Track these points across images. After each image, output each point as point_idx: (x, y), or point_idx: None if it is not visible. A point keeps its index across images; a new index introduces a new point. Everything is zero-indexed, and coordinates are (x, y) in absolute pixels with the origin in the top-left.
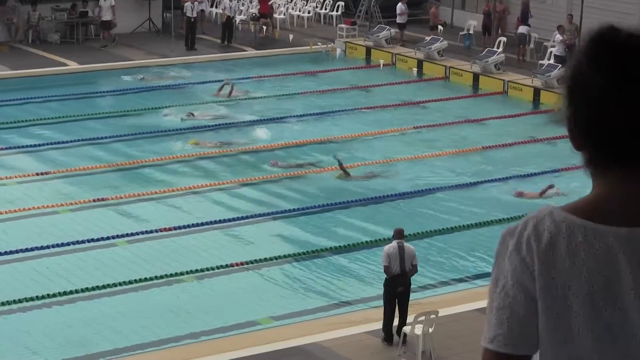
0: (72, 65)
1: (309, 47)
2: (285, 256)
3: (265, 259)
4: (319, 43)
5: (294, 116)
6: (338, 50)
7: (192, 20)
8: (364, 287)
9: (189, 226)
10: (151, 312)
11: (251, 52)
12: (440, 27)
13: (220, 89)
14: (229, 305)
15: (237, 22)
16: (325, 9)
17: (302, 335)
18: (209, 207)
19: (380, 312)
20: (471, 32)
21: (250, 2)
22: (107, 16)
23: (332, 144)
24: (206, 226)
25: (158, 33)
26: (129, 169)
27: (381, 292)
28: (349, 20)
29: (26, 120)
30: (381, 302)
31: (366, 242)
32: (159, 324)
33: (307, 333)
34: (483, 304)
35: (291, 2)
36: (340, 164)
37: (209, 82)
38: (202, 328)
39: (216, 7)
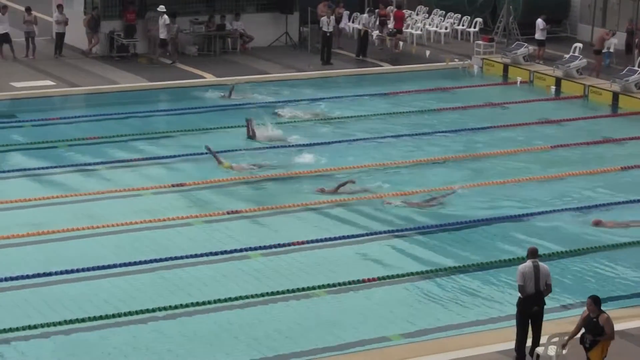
0: (209, 78)
1: (445, 63)
2: (417, 273)
3: (398, 275)
4: (455, 59)
5: (430, 132)
6: (475, 67)
7: (328, 34)
8: (496, 306)
9: (322, 240)
10: (282, 325)
11: (387, 67)
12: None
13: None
14: (359, 320)
15: (373, 37)
16: (463, 25)
17: (433, 353)
18: (340, 223)
19: (512, 332)
20: (611, 50)
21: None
22: (162, 34)
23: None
24: (339, 241)
25: (294, 47)
26: (261, 181)
27: (513, 311)
28: (487, 37)
29: (162, 132)
30: (513, 322)
31: (498, 261)
32: (289, 336)
33: (438, 351)
34: (617, 326)
35: (428, 17)
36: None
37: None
38: (332, 343)
39: (353, 22)
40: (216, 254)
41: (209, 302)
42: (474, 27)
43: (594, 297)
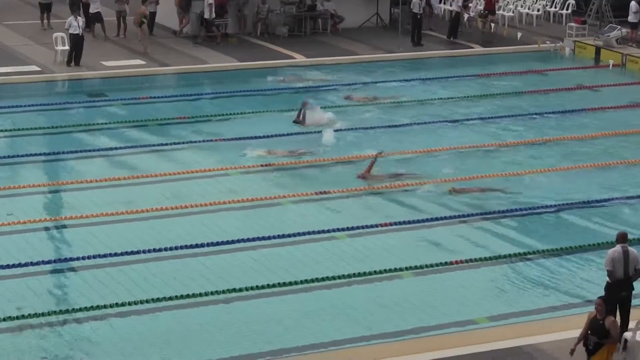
0: (299, 58)
1: (537, 46)
2: (505, 256)
3: (485, 258)
4: (547, 41)
5: (521, 115)
6: (567, 49)
7: (419, 16)
8: (584, 290)
9: (409, 222)
10: (367, 306)
11: (477, 49)
12: None
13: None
14: (446, 303)
15: (464, 19)
16: (555, 7)
17: (520, 336)
18: (428, 205)
19: None
20: None
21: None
22: (206, 13)
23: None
24: (426, 223)
25: (385, 28)
26: (352, 162)
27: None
28: (579, 19)
29: (253, 112)
30: None
31: (585, 245)
32: (375, 318)
33: (525, 334)
34: None
35: None
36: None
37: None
38: (418, 324)
39: (444, 3)
40: (303, 234)
41: (296, 283)
42: (567, 9)
43: (605, 297)
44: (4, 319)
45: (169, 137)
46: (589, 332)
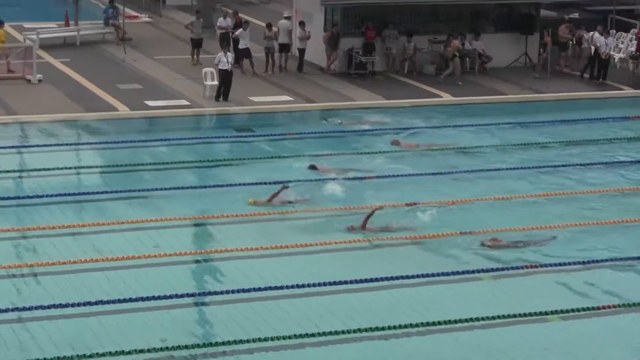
0: (446, 98)
1: None
2: None
3: (634, 304)
4: None
5: None
6: None
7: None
8: None
9: (553, 265)
10: (519, 350)
11: (628, 91)
12: None
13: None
14: (592, 348)
15: (615, 60)
16: None
17: None
18: (568, 245)
19: None
20: None
21: (630, 41)
22: (283, 39)
23: None
24: (569, 266)
25: (534, 68)
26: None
27: None
28: None
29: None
30: None
31: None
32: None
33: None
34: None
35: None
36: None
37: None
38: None
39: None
40: (447, 274)
41: (438, 323)
42: None
43: None
44: (149, 350)
45: (316, 173)
46: None
